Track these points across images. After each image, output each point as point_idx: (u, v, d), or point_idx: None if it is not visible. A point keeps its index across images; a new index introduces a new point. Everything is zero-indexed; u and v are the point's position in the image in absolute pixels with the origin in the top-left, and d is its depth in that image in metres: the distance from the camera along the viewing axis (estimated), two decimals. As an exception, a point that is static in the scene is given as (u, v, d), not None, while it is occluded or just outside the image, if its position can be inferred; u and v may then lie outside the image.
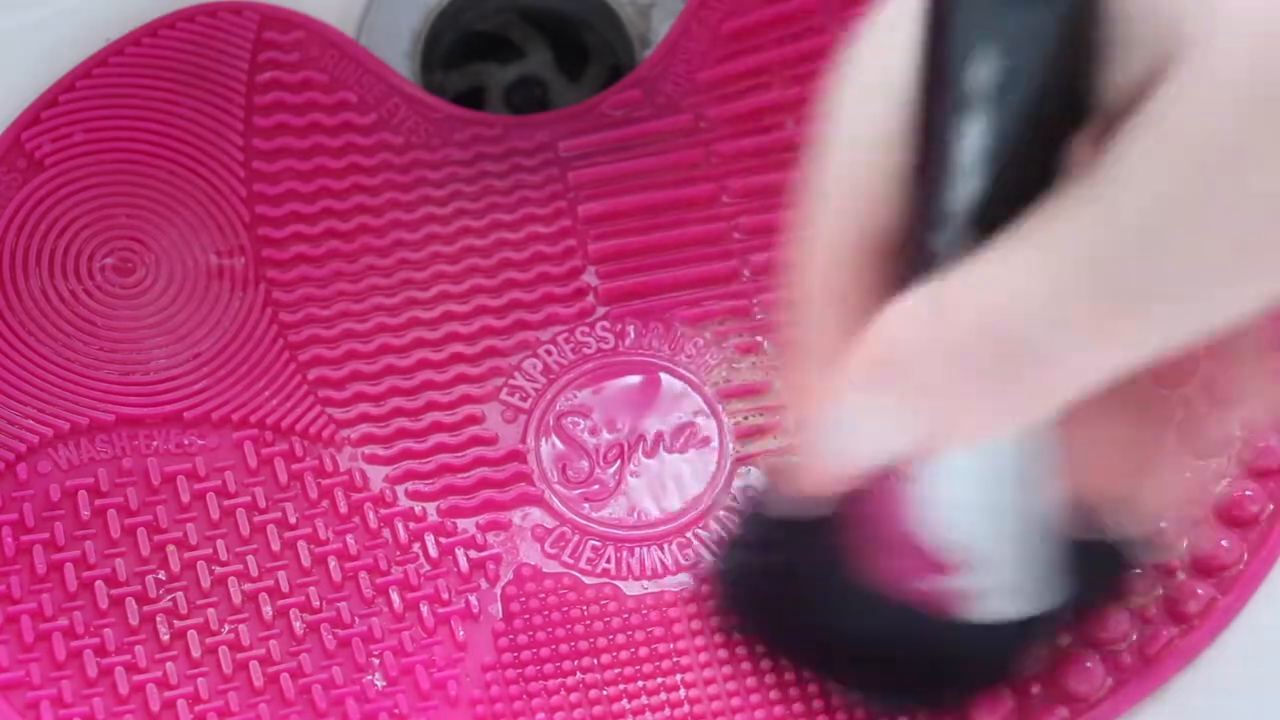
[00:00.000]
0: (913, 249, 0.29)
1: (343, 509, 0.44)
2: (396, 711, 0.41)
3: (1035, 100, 0.27)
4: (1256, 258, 0.26)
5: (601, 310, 0.46)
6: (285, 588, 0.43)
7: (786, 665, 0.42)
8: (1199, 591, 0.42)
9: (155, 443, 0.44)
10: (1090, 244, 0.26)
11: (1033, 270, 0.26)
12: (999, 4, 0.26)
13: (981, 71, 0.27)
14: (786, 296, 0.31)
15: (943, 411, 0.28)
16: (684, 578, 0.43)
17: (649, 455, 0.45)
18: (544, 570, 0.43)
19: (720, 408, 0.45)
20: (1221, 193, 0.25)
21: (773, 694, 0.42)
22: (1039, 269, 0.26)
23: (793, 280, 0.31)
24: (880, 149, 0.29)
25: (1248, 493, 0.43)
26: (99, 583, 0.42)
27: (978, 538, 0.35)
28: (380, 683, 0.42)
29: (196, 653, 0.42)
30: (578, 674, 0.42)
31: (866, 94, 0.30)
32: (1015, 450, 0.32)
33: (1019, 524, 0.35)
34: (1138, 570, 0.41)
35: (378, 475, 0.44)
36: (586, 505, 0.44)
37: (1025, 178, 0.27)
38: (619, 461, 0.45)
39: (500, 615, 0.43)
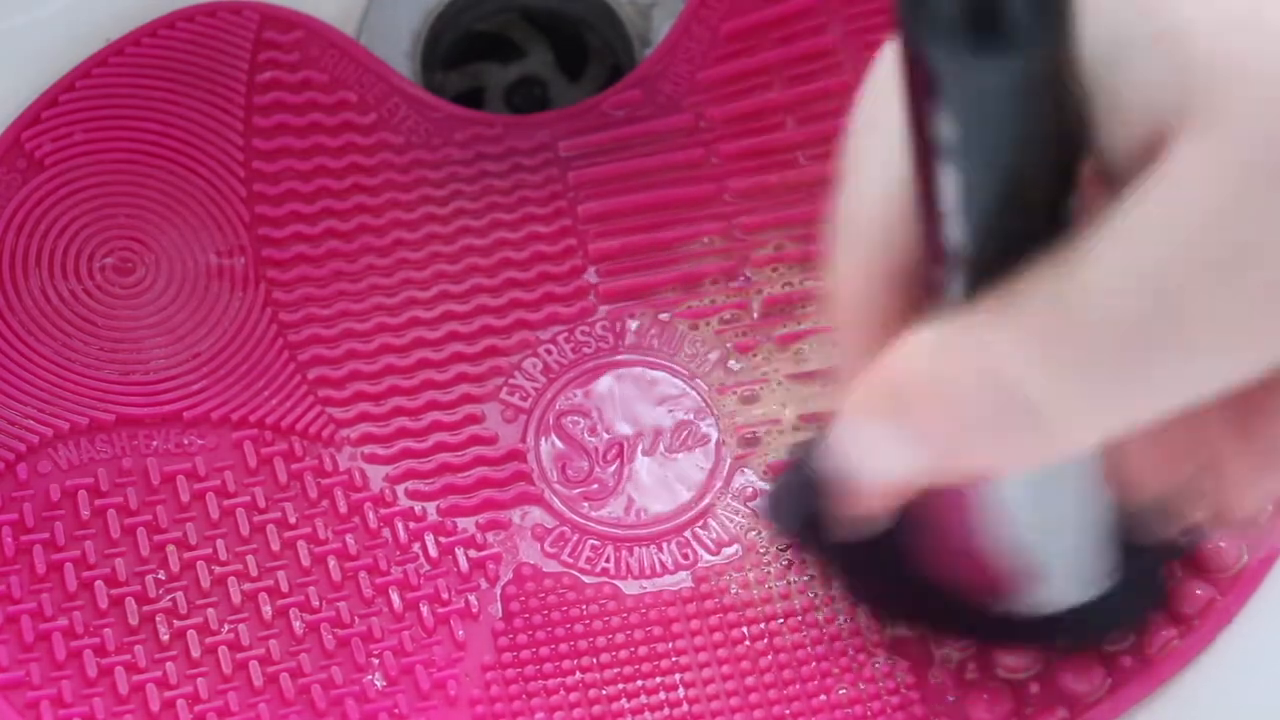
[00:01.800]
0: (926, 282, 0.29)
1: (342, 509, 0.44)
2: (396, 711, 0.41)
3: (1005, 154, 0.26)
4: (1250, 342, 0.26)
5: (602, 310, 0.46)
6: (285, 588, 0.43)
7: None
8: (1198, 592, 0.42)
9: (155, 443, 0.44)
10: (1070, 323, 0.26)
11: (1027, 328, 0.27)
12: (967, 55, 0.25)
13: (945, 126, 0.26)
14: (827, 325, 0.32)
15: (941, 451, 0.29)
16: (684, 577, 0.43)
17: (648, 454, 0.45)
18: (544, 570, 0.43)
19: (719, 406, 0.45)
20: (1219, 280, 0.25)
21: (771, 693, 0.42)
22: (1031, 333, 0.26)
23: (825, 310, 0.32)
24: (893, 184, 0.29)
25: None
26: (99, 583, 0.42)
27: (1036, 545, 0.36)
28: (380, 683, 0.42)
29: (196, 653, 0.42)
30: (577, 674, 0.42)
31: (879, 131, 0.30)
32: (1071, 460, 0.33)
33: (1076, 529, 0.36)
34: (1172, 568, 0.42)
35: (377, 475, 0.44)
36: (586, 505, 0.44)
37: (1015, 231, 0.27)
38: (619, 461, 0.45)
39: (500, 615, 0.43)
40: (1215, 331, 0.26)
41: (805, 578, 0.43)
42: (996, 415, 0.27)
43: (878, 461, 0.30)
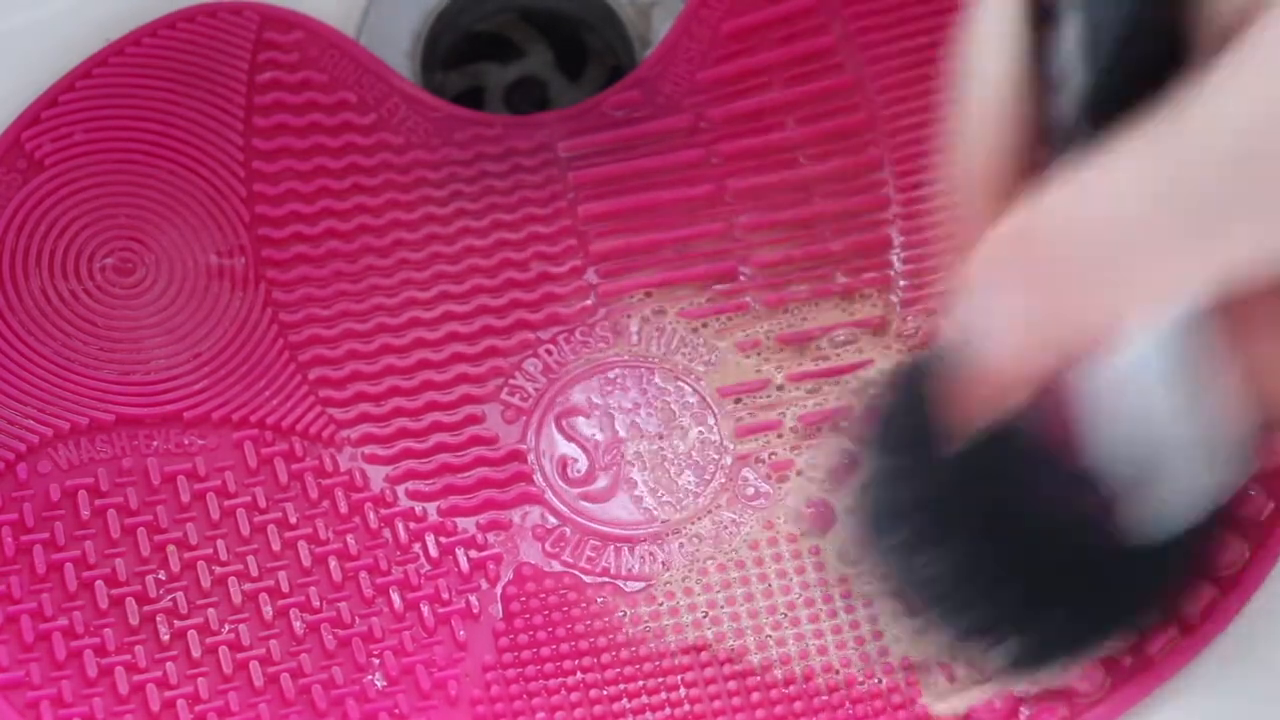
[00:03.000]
0: (1041, 154, 0.32)
1: (343, 509, 0.44)
2: (396, 711, 0.41)
3: (1124, 6, 0.30)
4: None
5: (602, 310, 0.46)
6: (285, 588, 0.43)
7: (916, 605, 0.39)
8: (1199, 591, 0.42)
9: (155, 443, 0.44)
10: (1179, 163, 0.28)
11: (1131, 171, 0.29)
12: None
13: None
14: (944, 205, 0.34)
15: (1060, 303, 0.30)
16: (684, 576, 0.43)
17: (649, 454, 0.45)
18: (544, 570, 0.43)
19: (719, 406, 0.45)
20: None
21: (773, 693, 0.42)
22: (1137, 170, 0.29)
23: (945, 192, 0.34)
24: (1009, 64, 0.32)
25: (1250, 493, 0.43)
26: (99, 583, 0.42)
27: (1147, 449, 0.35)
28: (380, 683, 0.42)
29: (196, 653, 0.42)
30: (578, 674, 0.42)
31: (993, 19, 0.32)
32: (1179, 360, 0.34)
33: (1187, 433, 0.35)
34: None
35: (378, 475, 0.44)
36: (587, 505, 0.44)
37: (1126, 81, 0.30)
38: (619, 461, 0.45)
39: (500, 615, 0.43)
40: None
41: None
42: (1115, 254, 0.29)
43: (1000, 324, 0.31)
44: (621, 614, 0.43)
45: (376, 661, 0.42)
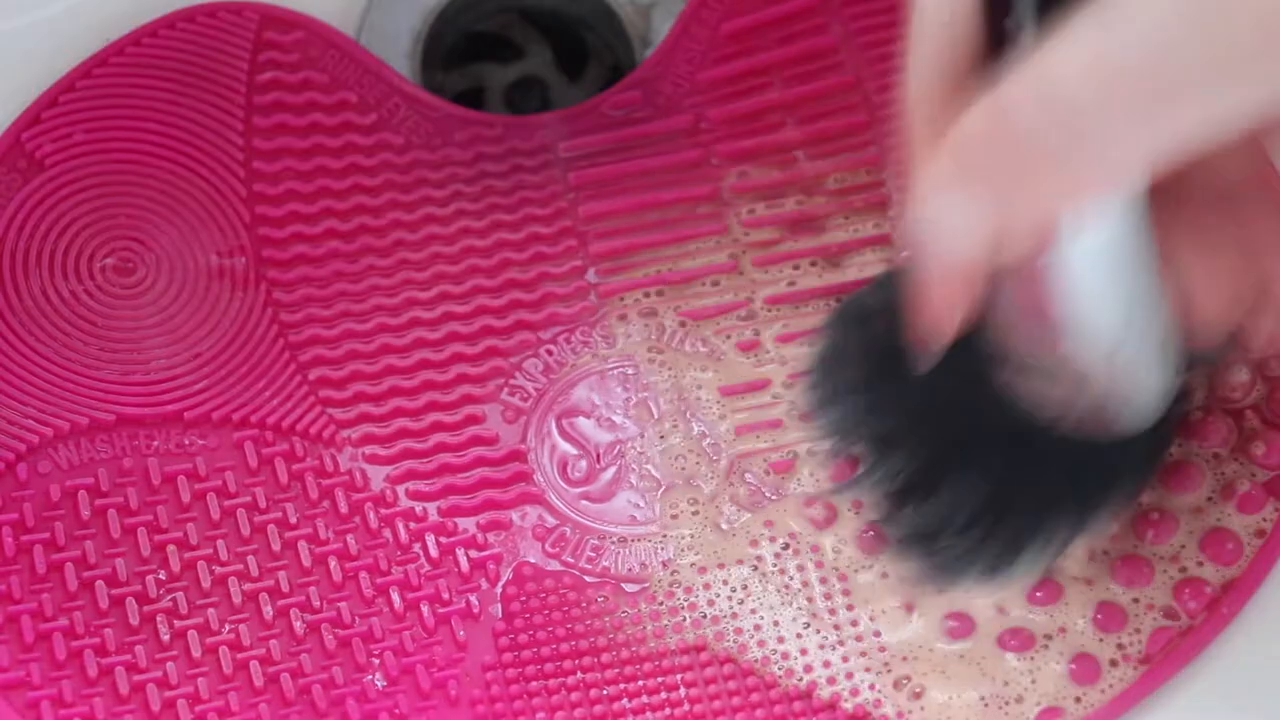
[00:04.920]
0: (994, 46, 0.32)
1: (343, 509, 0.44)
2: (397, 711, 0.41)
3: None
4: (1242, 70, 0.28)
5: (602, 310, 0.46)
6: (285, 588, 0.43)
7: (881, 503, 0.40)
8: (1199, 591, 0.42)
9: (155, 443, 0.44)
10: (1132, 28, 0.29)
11: (1079, 54, 0.29)
12: None
13: None
14: (897, 118, 0.35)
15: (1011, 198, 0.31)
16: (684, 575, 0.43)
17: (649, 454, 0.45)
18: (544, 570, 0.43)
19: (720, 406, 0.45)
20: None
21: (773, 693, 0.42)
22: (1085, 52, 0.29)
23: (900, 103, 0.34)
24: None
25: (1251, 492, 0.43)
26: (99, 583, 0.42)
27: (1106, 342, 0.36)
28: (380, 682, 0.42)
29: (197, 653, 0.42)
30: (578, 674, 0.42)
31: None
32: (1129, 261, 0.35)
33: (1139, 328, 0.36)
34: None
35: (378, 475, 0.44)
36: (587, 504, 0.44)
37: None
38: (619, 460, 0.45)
39: (500, 615, 0.43)
40: (1243, 41, 0.28)
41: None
42: (1057, 135, 0.29)
43: (952, 226, 0.32)
44: (621, 614, 0.43)
45: (376, 661, 0.42)
